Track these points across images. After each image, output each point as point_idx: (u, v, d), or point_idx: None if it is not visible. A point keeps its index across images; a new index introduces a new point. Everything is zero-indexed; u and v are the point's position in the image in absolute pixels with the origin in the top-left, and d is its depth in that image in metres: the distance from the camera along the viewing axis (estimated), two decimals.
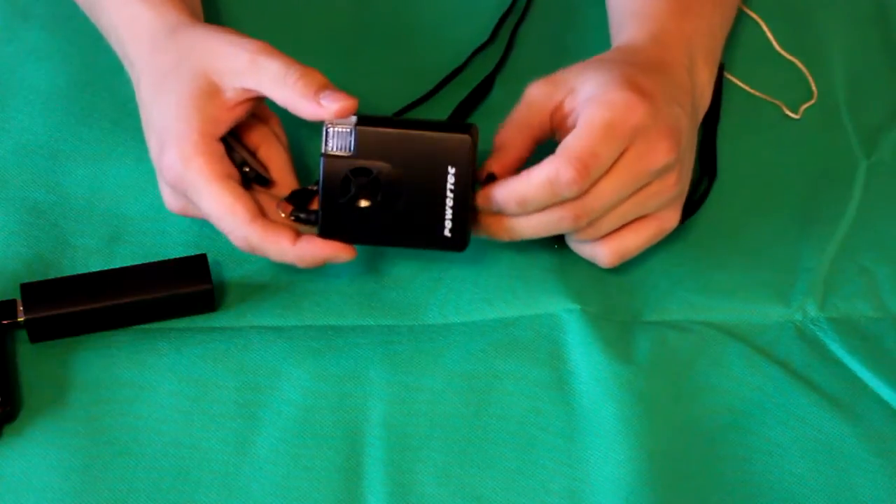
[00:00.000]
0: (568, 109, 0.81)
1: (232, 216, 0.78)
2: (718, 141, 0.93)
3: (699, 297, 0.86)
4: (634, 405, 0.79)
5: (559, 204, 0.77)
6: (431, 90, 0.94)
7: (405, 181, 0.78)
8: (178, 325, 0.82)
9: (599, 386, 0.80)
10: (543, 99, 0.81)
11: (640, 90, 0.78)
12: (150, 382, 0.79)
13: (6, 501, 0.74)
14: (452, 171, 0.78)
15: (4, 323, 0.79)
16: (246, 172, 0.81)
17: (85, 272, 0.82)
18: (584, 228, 0.80)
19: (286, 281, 0.84)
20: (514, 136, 0.81)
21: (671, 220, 0.83)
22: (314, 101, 0.77)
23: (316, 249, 0.79)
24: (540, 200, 0.77)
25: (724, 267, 0.87)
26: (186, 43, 0.81)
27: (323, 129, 0.78)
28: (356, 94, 0.78)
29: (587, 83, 0.80)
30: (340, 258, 0.79)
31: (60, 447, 0.76)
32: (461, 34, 0.98)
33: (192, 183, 0.78)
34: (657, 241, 0.83)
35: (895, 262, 0.88)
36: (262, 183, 0.82)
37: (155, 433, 0.77)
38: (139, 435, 0.77)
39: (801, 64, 0.99)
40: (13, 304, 0.79)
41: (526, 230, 0.80)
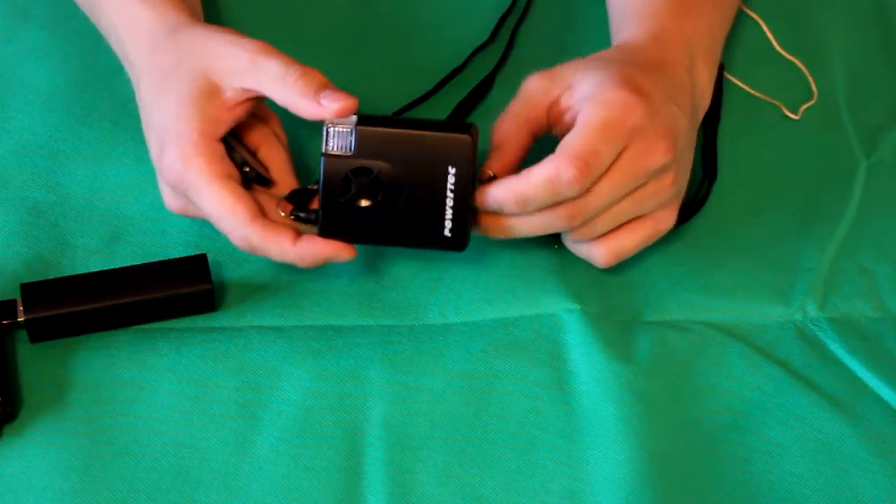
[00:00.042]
0: (565, 105, 0.81)
1: (232, 216, 0.78)
2: (718, 141, 0.93)
3: (699, 297, 0.86)
4: (634, 405, 0.79)
5: (556, 203, 0.77)
6: (431, 90, 0.94)
7: (405, 181, 0.78)
8: (178, 325, 0.82)
9: (599, 386, 0.80)
10: (540, 93, 0.81)
11: (637, 90, 0.78)
12: (150, 382, 0.79)
13: (6, 501, 0.74)
14: (453, 171, 0.78)
15: (4, 323, 0.79)
16: (246, 172, 0.81)
17: (85, 272, 0.82)
18: (578, 228, 0.80)
19: (286, 281, 0.84)
20: (510, 130, 0.81)
21: (667, 220, 0.83)
22: (314, 100, 0.77)
23: (316, 249, 0.79)
24: (540, 200, 0.77)
25: (724, 267, 0.87)
26: (186, 43, 0.80)
27: (323, 128, 0.78)
28: (356, 93, 0.78)
29: (585, 81, 0.80)
30: (341, 257, 0.79)
31: (60, 447, 0.76)
32: (461, 34, 0.98)
33: (192, 183, 0.78)
34: (653, 241, 0.83)
35: (895, 261, 0.88)
36: (262, 183, 0.82)
37: (155, 433, 0.77)
38: (139, 435, 0.77)
39: (801, 64, 0.99)
40: (13, 304, 0.79)
41: (521, 229, 0.79)
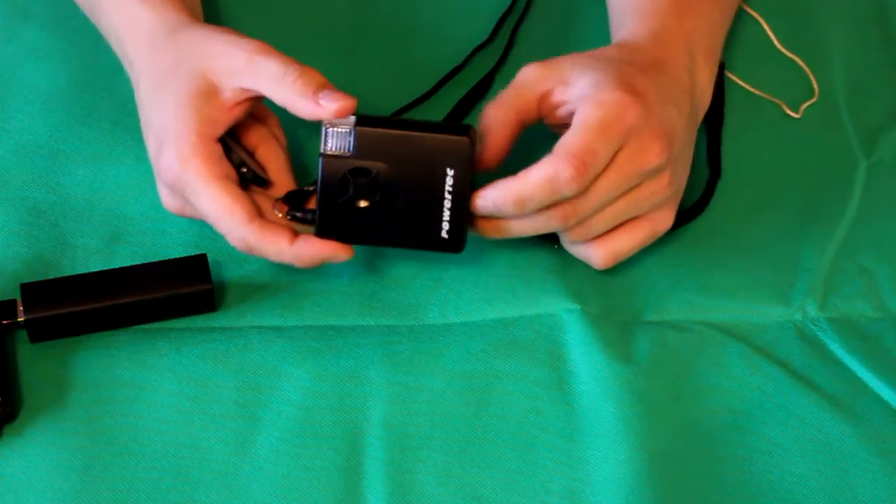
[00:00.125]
0: (559, 100, 0.81)
1: (230, 217, 0.78)
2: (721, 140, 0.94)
3: (699, 297, 0.86)
4: (634, 405, 0.79)
5: (553, 203, 0.77)
6: (431, 89, 0.94)
7: (403, 182, 0.78)
8: (178, 325, 0.82)
9: (599, 386, 0.80)
10: (533, 82, 0.81)
11: (633, 90, 0.78)
12: (150, 382, 0.79)
13: (6, 501, 0.74)
14: (451, 172, 0.77)
15: (4, 323, 0.79)
16: (243, 173, 0.81)
17: (85, 272, 0.82)
18: (574, 228, 0.80)
19: (286, 281, 0.84)
20: (498, 116, 0.81)
21: (665, 221, 0.83)
22: (313, 100, 0.77)
23: (314, 249, 0.79)
24: (538, 200, 0.77)
25: (724, 267, 0.87)
26: (185, 43, 0.80)
27: (322, 129, 0.78)
28: (356, 93, 0.78)
29: (582, 78, 0.80)
30: (338, 258, 0.79)
31: (60, 447, 0.76)
32: (461, 33, 0.98)
33: (189, 184, 0.78)
34: (651, 242, 0.83)
35: (895, 261, 0.88)
36: (259, 183, 0.82)
37: (155, 433, 0.77)
38: (139, 435, 0.77)
39: (801, 62, 0.99)
40: (13, 304, 0.79)
41: (517, 229, 0.79)
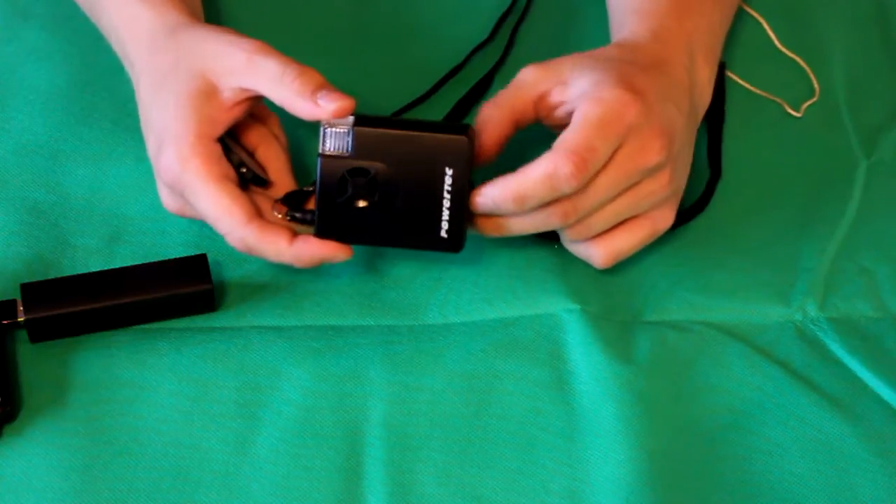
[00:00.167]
0: (558, 100, 0.80)
1: (229, 217, 0.77)
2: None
3: (699, 297, 0.86)
4: (634, 405, 0.79)
5: (552, 200, 0.77)
6: (430, 89, 0.94)
7: (402, 182, 0.78)
8: (178, 325, 0.82)
9: (599, 386, 0.80)
10: (530, 84, 0.81)
11: (633, 88, 0.78)
12: (150, 382, 0.79)
13: (6, 501, 0.74)
14: (449, 172, 0.77)
15: (4, 323, 0.79)
16: (243, 173, 0.81)
17: (85, 272, 0.82)
18: (574, 226, 0.80)
19: (286, 281, 0.84)
20: (492, 114, 0.81)
21: (665, 220, 0.83)
22: (311, 100, 0.77)
23: (313, 249, 0.78)
24: (538, 197, 0.76)
25: (724, 267, 0.87)
26: (185, 43, 0.80)
27: (320, 129, 0.78)
28: (356, 93, 0.78)
29: (581, 78, 0.80)
30: (337, 258, 0.79)
31: (60, 447, 0.76)
32: (461, 33, 0.98)
33: (188, 184, 0.78)
34: (651, 241, 0.83)
35: (895, 262, 0.88)
36: (259, 183, 0.82)
37: (155, 433, 0.77)
38: (139, 435, 0.77)
39: (802, 62, 0.99)
40: (13, 304, 0.79)
41: (516, 227, 0.79)
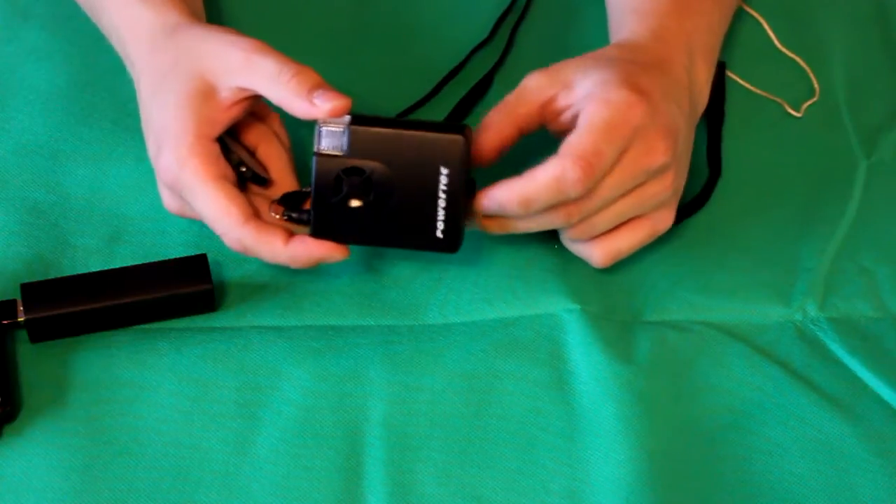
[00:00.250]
0: (563, 104, 0.80)
1: (227, 217, 0.77)
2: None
3: (699, 297, 0.86)
4: (634, 405, 0.79)
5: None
6: (432, 90, 0.94)
7: (397, 181, 0.77)
8: (178, 325, 0.82)
9: (599, 386, 0.80)
10: (535, 90, 0.81)
11: (638, 89, 0.78)
12: (150, 382, 0.79)
13: (6, 501, 0.74)
14: (445, 171, 0.77)
15: (4, 323, 0.79)
16: (243, 172, 0.81)
17: (85, 272, 0.82)
18: (577, 226, 0.80)
19: (286, 281, 0.84)
20: (499, 119, 0.80)
21: (665, 221, 0.83)
22: (307, 100, 0.77)
23: (308, 249, 0.78)
24: (544, 200, 0.76)
25: (724, 267, 0.87)
26: (185, 43, 0.80)
27: (315, 127, 0.77)
28: (355, 92, 0.78)
29: (586, 80, 0.80)
30: (333, 258, 0.79)
31: (60, 447, 0.76)
32: (461, 33, 0.98)
33: (187, 184, 0.78)
34: (650, 241, 0.83)
35: (895, 262, 0.88)
36: (259, 182, 0.82)
37: (155, 433, 0.77)
38: (139, 435, 0.77)
39: (802, 61, 0.99)
40: (13, 304, 0.79)
41: (520, 226, 0.79)
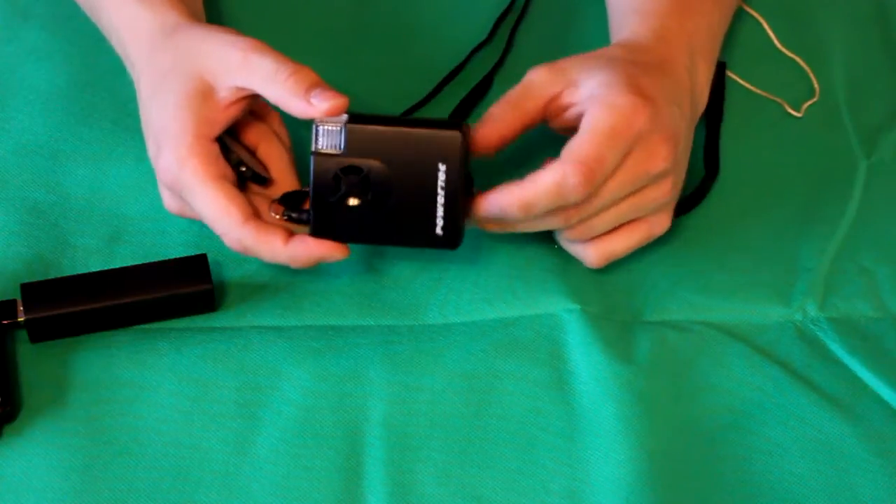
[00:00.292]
0: (567, 102, 0.81)
1: (226, 217, 0.77)
2: (720, 139, 0.93)
3: (699, 297, 0.86)
4: (634, 405, 0.79)
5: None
6: (432, 91, 0.94)
7: (396, 179, 0.77)
8: (178, 325, 0.82)
9: (599, 386, 0.80)
10: (542, 86, 0.81)
11: (643, 94, 0.78)
12: (150, 382, 0.79)
13: (6, 501, 0.74)
14: (443, 168, 0.77)
15: (4, 323, 0.79)
16: (242, 172, 0.81)
17: (85, 272, 0.82)
18: (575, 227, 0.80)
19: (286, 281, 0.84)
20: (504, 112, 0.80)
21: (662, 224, 0.83)
22: (304, 99, 0.77)
23: (308, 249, 0.78)
24: (545, 205, 0.77)
25: (724, 267, 0.87)
26: (183, 43, 0.80)
27: (312, 126, 0.77)
28: (354, 92, 0.78)
29: (591, 80, 0.80)
30: (333, 257, 0.79)
31: (60, 447, 0.76)
32: (460, 33, 0.98)
33: (186, 184, 0.78)
34: (645, 243, 0.83)
35: (895, 262, 0.88)
36: (260, 182, 0.82)
37: (155, 433, 0.77)
38: (139, 435, 0.77)
39: (802, 62, 0.99)
40: (13, 304, 0.79)
41: (519, 227, 0.79)
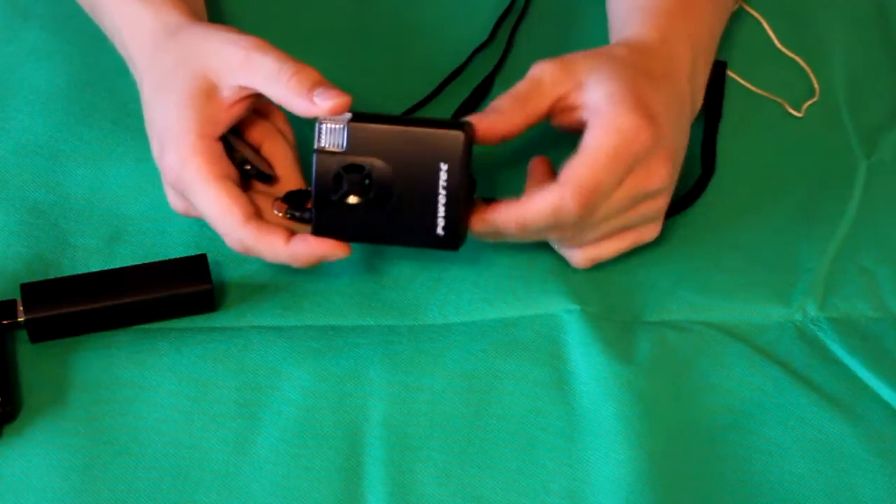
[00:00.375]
0: (572, 103, 0.80)
1: (229, 217, 0.77)
2: (720, 139, 0.93)
3: (699, 297, 0.86)
4: (634, 405, 0.79)
5: None
6: (433, 91, 0.94)
7: (398, 178, 0.77)
8: (178, 325, 0.82)
9: (599, 386, 0.80)
10: (550, 85, 0.80)
11: (647, 113, 0.78)
12: (150, 382, 0.79)
13: (6, 501, 0.74)
14: (445, 167, 0.76)
15: (4, 323, 0.79)
16: (247, 170, 0.81)
17: (85, 272, 0.82)
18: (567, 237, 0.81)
19: (286, 281, 0.84)
20: (510, 107, 0.80)
21: (652, 232, 0.84)
22: (307, 98, 0.76)
23: (309, 248, 0.78)
24: (542, 226, 0.77)
25: (724, 267, 0.87)
26: (186, 43, 0.80)
27: (315, 124, 0.77)
28: (355, 92, 0.77)
29: (598, 87, 0.79)
30: (335, 256, 0.78)
31: (60, 447, 0.76)
32: (461, 33, 0.98)
33: (189, 184, 0.78)
34: (632, 248, 0.84)
35: (895, 262, 0.88)
36: (264, 180, 0.82)
37: (155, 433, 0.77)
38: (139, 435, 0.77)
39: (802, 62, 0.99)
40: (13, 304, 0.79)
41: (512, 239, 0.80)
